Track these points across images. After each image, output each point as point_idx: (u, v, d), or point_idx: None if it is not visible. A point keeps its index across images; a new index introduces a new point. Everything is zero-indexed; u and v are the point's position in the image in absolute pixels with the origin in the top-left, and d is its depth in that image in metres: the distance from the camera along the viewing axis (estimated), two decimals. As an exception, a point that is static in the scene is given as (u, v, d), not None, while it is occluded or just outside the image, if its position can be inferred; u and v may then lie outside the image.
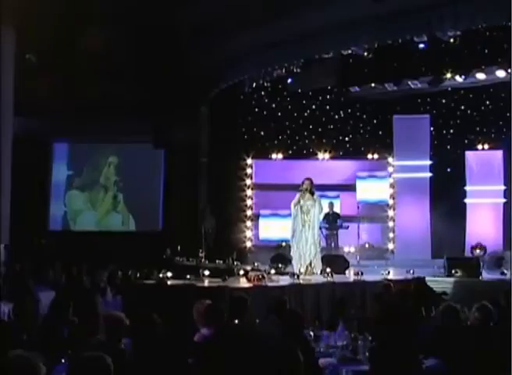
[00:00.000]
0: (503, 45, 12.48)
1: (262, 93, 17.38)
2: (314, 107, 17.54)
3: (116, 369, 3.38)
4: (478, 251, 14.30)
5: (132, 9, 14.11)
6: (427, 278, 11.34)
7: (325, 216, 14.43)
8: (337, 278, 10.39)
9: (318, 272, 11.15)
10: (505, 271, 11.99)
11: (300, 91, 16.88)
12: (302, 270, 10.85)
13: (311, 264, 11.15)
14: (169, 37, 14.90)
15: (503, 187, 15.71)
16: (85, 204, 18.24)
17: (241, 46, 14.60)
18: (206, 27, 14.22)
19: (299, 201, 11.70)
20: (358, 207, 16.45)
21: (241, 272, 10.59)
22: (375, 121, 17.23)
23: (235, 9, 13.37)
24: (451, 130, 16.61)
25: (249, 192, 17.47)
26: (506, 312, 6.11)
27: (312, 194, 11.73)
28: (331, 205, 14.92)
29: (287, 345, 3.75)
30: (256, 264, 12.22)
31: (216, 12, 13.71)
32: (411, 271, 11.23)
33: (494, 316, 5.54)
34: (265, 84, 16.80)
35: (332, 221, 14.56)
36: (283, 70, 15.22)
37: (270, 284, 9.66)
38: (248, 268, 11.64)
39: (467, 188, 16.09)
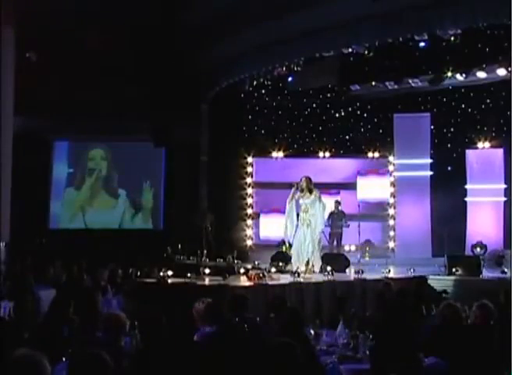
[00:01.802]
0: (504, 44, 12.47)
1: (263, 91, 17.39)
2: (314, 105, 17.55)
3: (116, 368, 3.39)
4: (478, 249, 14.29)
5: (132, 9, 14.11)
6: (427, 276, 11.35)
7: (330, 214, 14.46)
8: (338, 276, 10.40)
9: (317, 270, 11.15)
10: (505, 270, 11.99)
11: (300, 89, 16.88)
12: (302, 269, 10.84)
13: (308, 262, 11.14)
14: (170, 36, 14.90)
15: (503, 186, 15.70)
16: (84, 202, 18.25)
17: (241, 44, 14.59)
18: (207, 26, 14.22)
19: (292, 198, 11.72)
20: (359, 205, 16.45)
21: (242, 270, 10.61)
22: (375, 119, 17.24)
23: (235, 8, 13.36)
24: (452, 129, 16.60)
25: (249, 191, 17.49)
26: (507, 311, 6.11)
27: (310, 191, 11.73)
28: (337, 203, 14.92)
29: (287, 344, 3.76)
30: (256, 262, 12.21)
31: (216, 11, 13.70)
32: (412, 269, 11.24)
33: (494, 315, 5.54)
34: (266, 83, 16.81)
35: (337, 220, 14.57)
36: (284, 69, 15.21)
37: (270, 283, 9.67)
38: (249, 266, 11.64)
39: (468, 187, 16.08)
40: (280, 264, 11.52)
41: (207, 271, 10.35)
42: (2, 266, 12.15)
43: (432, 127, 16.68)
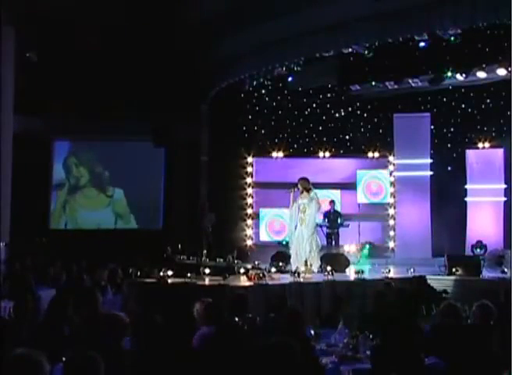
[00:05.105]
0: (504, 43, 12.46)
1: (263, 91, 17.38)
2: (314, 105, 17.54)
3: (116, 369, 3.39)
4: (478, 249, 14.29)
5: (132, 9, 14.11)
6: (427, 276, 11.36)
7: (326, 214, 14.46)
8: (338, 276, 10.40)
9: (316, 270, 11.17)
10: (505, 270, 11.97)
11: (300, 89, 16.87)
12: (303, 269, 10.85)
13: (306, 262, 11.15)
14: (170, 36, 14.90)
15: (503, 186, 15.69)
16: (84, 202, 18.25)
17: (241, 44, 14.60)
18: (207, 25, 14.22)
19: (294, 202, 11.81)
20: (359, 205, 16.47)
21: (242, 270, 10.62)
22: (375, 119, 17.22)
23: (235, 7, 13.37)
24: (452, 129, 16.59)
25: (249, 190, 17.48)
26: (507, 311, 6.11)
27: (308, 191, 11.76)
28: (332, 203, 14.91)
29: (287, 344, 3.75)
30: (256, 262, 12.22)
31: (217, 11, 13.70)
32: (412, 269, 11.24)
33: (494, 315, 5.54)
34: (266, 83, 16.82)
35: (333, 220, 14.56)
36: (284, 68, 15.21)
37: (270, 283, 9.68)
38: (249, 266, 11.65)
39: (468, 187, 16.08)
40: (280, 264, 11.53)
41: (207, 271, 10.36)
42: (2, 266, 12.14)
43: (432, 127, 16.66)
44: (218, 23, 13.95)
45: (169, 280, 9.68)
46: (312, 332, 5.95)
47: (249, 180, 17.52)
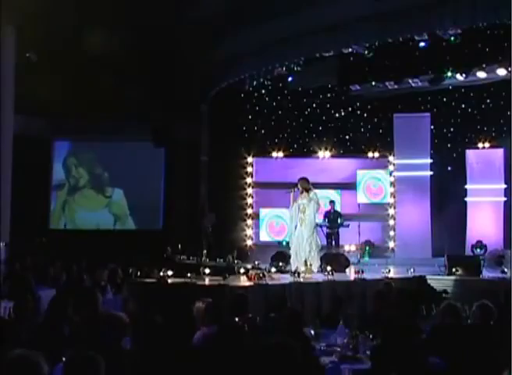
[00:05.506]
0: (504, 43, 12.47)
1: (263, 91, 17.40)
2: (314, 105, 17.55)
3: (116, 369, 3.39)
4: (478, 249, 14.31)
5: (132, 9, 14.11)
6: (427, 276, 11.37)
7: (326, 214, 14.47)
8: (338, 276, 10.40)
9: (315, 270, 11.17)
10: (505, 270, 11.97)
11: (300, 89, 16.90)
12: (302, 269, 10.85)
13: (306, 262, 11.16)
14: (170, 36, 14.90)
15: (503, 186, 15.70)
16: (83, 202, 18.25)
17: (241, 44, 14.61)
18: (207, 26, 14.22)
19: (294, 202, 11.83)
20: (359, 205, 16.47)
21: (242, 270, 10.63)
22: (375, 119, 17.23)
23: (235, 7, 13.37)
24: (451, 129, 16.59)
25: (249, 190, 17.49)
26: (507, 311, 6.11)
27: (307, 191, 11.78)
28: (332, 203, 14.92)
29: (287, 344, 3.75)
30: (256, 262, 12.23)
31: (217, 11, 13.70)
32: (412, 269, 11.25)
33: (494, 315, 5.54)
34: (266, 83, 16.83)
35: (333, 220, 14.56)
36: (284, 69, 15.23)
37: (270, 283, 9.67)
38: (249, 266, 11.66)
39: (468, 187, 16.08)
40: (280, 264, 11.53)
41: (207, 271, 10.36)
42: (2, 266, 12.14)
43: (432, 127, 16.67)
44: (218, 23, 13.96)
45: (169, 280, 9.68)
46: (312, 332, 5.95)
47: (249, 180, 17.53)
